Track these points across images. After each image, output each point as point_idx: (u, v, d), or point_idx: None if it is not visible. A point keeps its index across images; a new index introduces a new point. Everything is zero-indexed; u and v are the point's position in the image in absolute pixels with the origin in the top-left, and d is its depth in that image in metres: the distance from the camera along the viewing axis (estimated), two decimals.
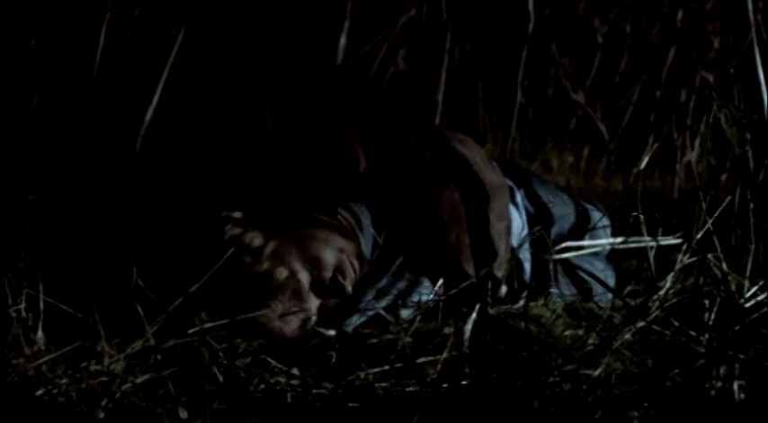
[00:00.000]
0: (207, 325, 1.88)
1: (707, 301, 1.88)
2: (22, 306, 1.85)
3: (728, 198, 2.20)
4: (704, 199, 1.98)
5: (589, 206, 2.50)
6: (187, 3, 3.78)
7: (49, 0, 3.87)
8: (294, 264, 2.05)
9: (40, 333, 1.84)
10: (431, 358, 1.83)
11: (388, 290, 2.16)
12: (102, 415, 1.65)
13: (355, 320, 2.10)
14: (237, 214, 2.08)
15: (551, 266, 2.32)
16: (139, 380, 1.73)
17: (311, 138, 2.31)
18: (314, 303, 2.06)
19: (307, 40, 4.27)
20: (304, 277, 2.05)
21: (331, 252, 2.08)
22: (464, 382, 1.72)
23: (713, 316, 1.85)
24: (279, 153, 2.38)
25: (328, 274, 2.06)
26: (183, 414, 1.65)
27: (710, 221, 2.01)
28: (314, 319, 2.06)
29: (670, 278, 1.97)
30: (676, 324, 1.82)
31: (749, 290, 1.94)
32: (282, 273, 2.04)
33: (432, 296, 2.12)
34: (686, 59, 4.35)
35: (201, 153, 3.71)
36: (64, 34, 3.86)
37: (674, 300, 1.91)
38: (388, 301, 2.13)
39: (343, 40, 4.08)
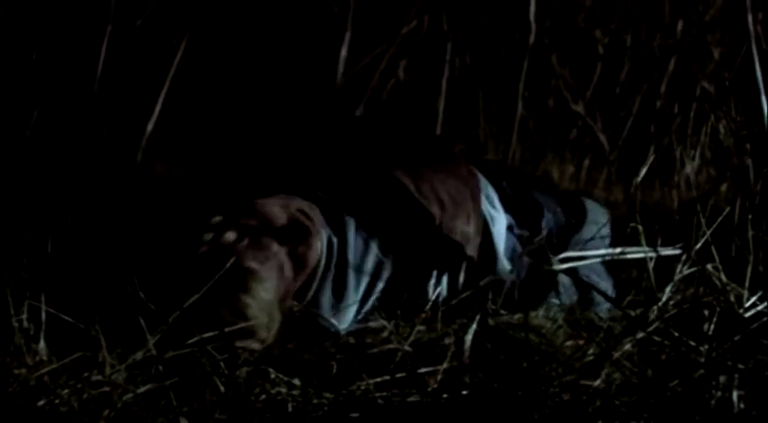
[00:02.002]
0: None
1: (706, 312, 1.89)
2: (24, 316, 1.86)
3: (728, 208, 2.21)
4: (704, 209, 1.99)
5: (588, 202, 2.50)
6: (189, 15, 3.80)
7: (51, 11, 3.88)
8: (241, 227, 2.07)
9: (41, 343, 1.84)
10: (431, 368, 1.83)
11: (361, 263, 2.17)
12: None
13: (351, 324, 2.12)
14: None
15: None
16: (141, 390, 1.74)
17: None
18: (281, 251, 2.07)
19: (308, 52, 4.27)
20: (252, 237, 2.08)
21: (280, 210, 2.10)
22: (464, 392, 1.73)
23: (713, 326, 1.86)
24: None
25: (280, 223, 2.09)
26: None
27: (710, 232, 2.02)
28: (286, 266, 2.07)
29: (669, 288, 1.98)
30: (676, 334, 1.83)
31: (748, 300, 1.95)
32: (230, 237, 2.05)
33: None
34: (686, 70, 4.36)
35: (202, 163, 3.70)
36: (65, 46, 3.87)
37: (674, 310, 1.92)
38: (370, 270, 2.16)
39: (344, 52, 4.09)
